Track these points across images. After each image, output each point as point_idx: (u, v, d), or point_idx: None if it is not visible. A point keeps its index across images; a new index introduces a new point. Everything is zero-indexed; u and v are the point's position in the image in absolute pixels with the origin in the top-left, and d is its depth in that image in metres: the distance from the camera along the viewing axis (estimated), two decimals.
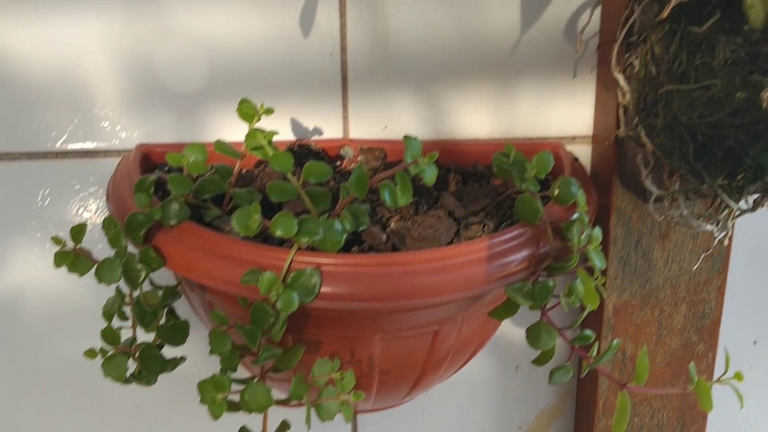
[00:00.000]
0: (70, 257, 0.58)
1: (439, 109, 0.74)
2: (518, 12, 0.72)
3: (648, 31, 0.61)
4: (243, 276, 0.52)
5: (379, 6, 0.71)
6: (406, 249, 0.58)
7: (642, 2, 0.62)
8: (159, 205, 0.57)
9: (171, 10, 0.69)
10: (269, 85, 0.72)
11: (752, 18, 0.56)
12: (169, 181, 0.58)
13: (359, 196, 0.54)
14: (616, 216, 0.72)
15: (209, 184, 0.59)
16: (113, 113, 0.72)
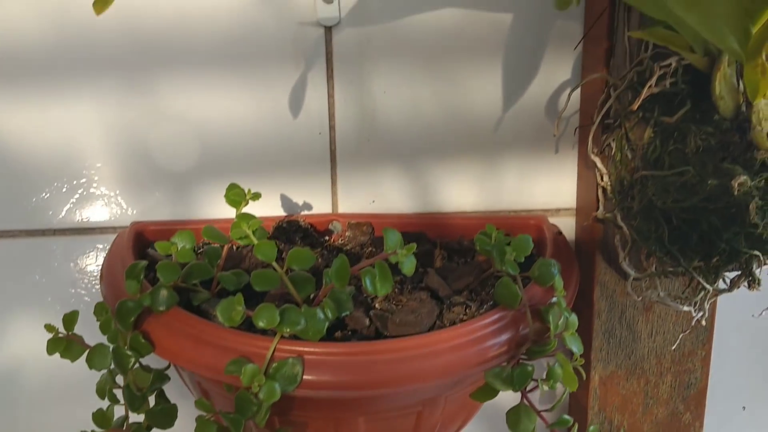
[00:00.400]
0: (63, 344, 0.60)
1: (426, 184, 0.76)
2: (500, 91, 0.74)
3: (622, 118, 0.63)
4: (227, 366, 0.54)
5: (366, 87, 0.73)
6: (388, 334, 0.59)
7: (617, 89, 0.64)
8: (148, 292, 0.59)
9: (164, 93, 0.72)
10: (260, 163, 0.74)
11: (722, 108, 0.58)
12: (158, 269, 0.59)
13: (340, 287, 0.55)
14: (600, 289, 0.73)
15: (197, 270, 0.61)
16: (109, 192, 0.74)
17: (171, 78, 0.72)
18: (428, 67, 0.73)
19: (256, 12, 0.70)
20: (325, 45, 0.72)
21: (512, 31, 0.72)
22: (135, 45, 0.70)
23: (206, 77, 0.72)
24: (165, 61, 0.71)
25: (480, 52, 0.73)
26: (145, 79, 0.71)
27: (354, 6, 0.71)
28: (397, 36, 0.72)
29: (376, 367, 0.54)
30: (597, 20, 0.67)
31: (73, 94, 0.71)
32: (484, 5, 0.72)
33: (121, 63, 0.71)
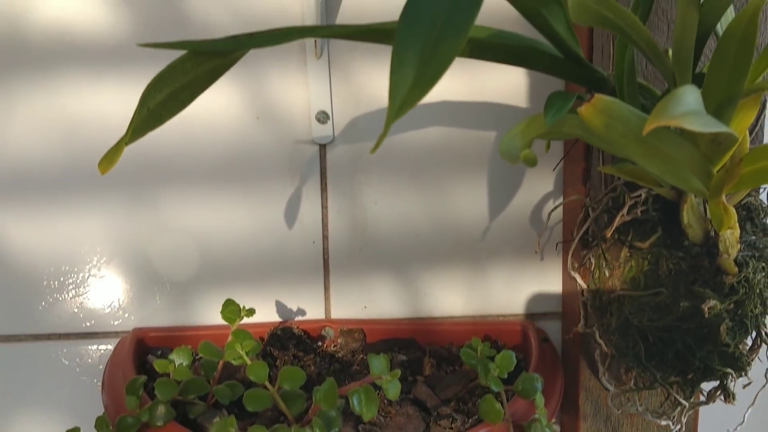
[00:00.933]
0: None
1: (416, 289, 0.79)
2: (486, 202, 0.78)
3: (599, 239, 0.66)
4: None
5: (358, 199, 0.77)
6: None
7: (594, 210, 0.67)
8: (147, 407, 0.62)
9: (167, 206, 0.76)
10: (256, 271, 0.78)
11: (691, 235, 0.61)
12: (156, 387, 0.62)
13: (327, 409, 0.58)
14: (585, 394, 0.75)
15: (193, 386, 0.64)
16: (112, 298, 0.78)
17: (173, 192, 0.76)
18: (417, 179, 0.77)
19: (255, 132, 0.75)
20: (320, 161, 0.76)
21: (496, 146, 0.76)
22: (141, 162, 0.75)
23: (207, 191, 0.76)
24: (168, 176, 0.75)
25: (466, 165, 0.77)
26: (149, 193, 0.75)
27: (347, 125, 0.75)
28: (387, 151, 0.76)
29: None
30: (574, 143, 0.71)
31: (80, 208, 0.75)
32: (469, 124, 0.76)
33: (127, 179, 0.75)
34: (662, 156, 0.52)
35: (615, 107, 0.48)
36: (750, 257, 0.61)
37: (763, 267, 0.62)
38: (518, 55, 0.55)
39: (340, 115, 0.75)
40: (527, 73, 0.75)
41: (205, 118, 0.74)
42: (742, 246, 0.62)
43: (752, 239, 0.64)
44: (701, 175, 0.55)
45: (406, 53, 0.36)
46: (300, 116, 0.75)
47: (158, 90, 0.49)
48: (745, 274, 0.61)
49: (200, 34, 0.72)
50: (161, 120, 0.51)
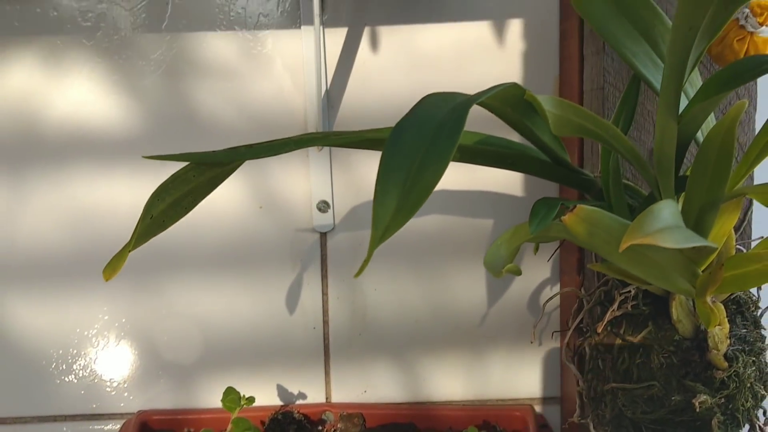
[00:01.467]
0: None
1: (415, 375, 0.80)
2: (485, 289, 0.79)
3: (592, 331, 0.67)
4: None
5: (358, 286, 0.79)
6: None
7: (587, 302, 0.68)
8: None
9: (171, 292, 0.78)
10: (258, 356, 0.79)
11: (681, 330, 0.62)
12: None
13: None
14: None
15: None
16: (118, 381, 0.79)
17: (177, 278, 0.78)
18: (416, 266, 0.79)
19: (258, 220, 0.77)
20: (320, 248, 0.78)
21: (494, 234, 0.78)
22: (146, 249, 0.77)
23: (210, 278, 0.78)
24: (172, 263, 0.77)
25: (464, 253, 0.78)
26: (154, 280, 0.78)
27: (347, 214, 0.78)
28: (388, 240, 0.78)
29: None
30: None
31: (88, 294, 0.78)
32: (466, 212, 0.78)
33: (133, 265, 0.77)
34: (647, 260, 0.53)
35: (597, 216, 0.50)
36: (740, 351, 0.62)
37: (754, 361, 0.63)
38: (507, 161, 0.58)
39: (341, 204, 0.77)
40: None
41: (208, 208, 0.76)
42: (732, 340, 0.63)
43: (743, 333, 0.65)
44: (687, 276, 0.56)
45: (389, 184, 0.39)
46: (301, 205, 0.77)
47: (161, 199, 0.52)
48: (735, 369, 0.61)
49: (207, 129, 0.75)
50: (164, 226, 0.54)
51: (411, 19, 0.75)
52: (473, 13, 0.75)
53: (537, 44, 0.76)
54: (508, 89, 0.47)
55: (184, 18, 0.74)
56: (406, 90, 0.76)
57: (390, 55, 0.75)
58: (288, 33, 0.74)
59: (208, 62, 0.75)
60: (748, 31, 0.59)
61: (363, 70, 0.75)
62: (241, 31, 0.74)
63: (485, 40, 0.76)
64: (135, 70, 0.75)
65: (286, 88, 0.75)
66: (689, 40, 0.47)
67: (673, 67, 0.49)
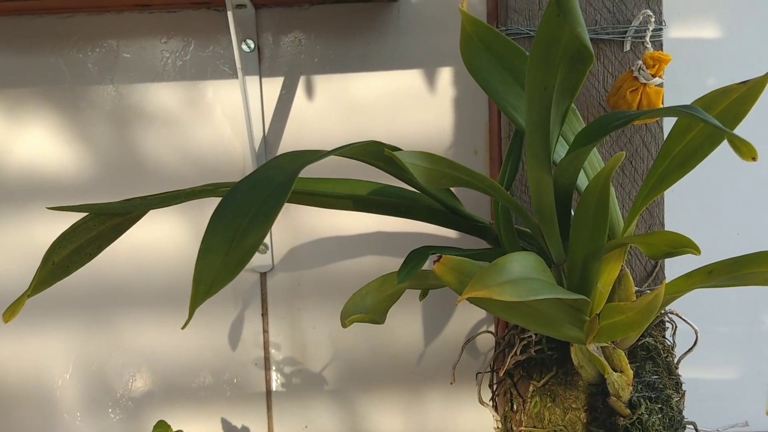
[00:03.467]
0: None
1: (355, 411, 0.82)
2: (421, 328, 0.81)
3: (505, 375, 0.68)
4: None
5: (297, 324, 0.81)
6: None
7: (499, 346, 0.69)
8: None
9: (122, 327, 0.82)
10: (202, 390, 0.82)
11: (584, 376, 0.63)
12: None
13: None
14: None
15: None
16: (73, 410, 0.83)
17: (128, 313, 0.82)
18: None
19: None
20: (261, 288, 0.81)
21: None
22: (98, 287, 0.81)
23: (158, 313, 0.81)
24: (123, 300, 0.81)
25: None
26: (106, 315, 0.82)
27: (285, 255, 0.80)
28: (324, 278, 0.81)
29: None
30: None
31: (47, 329, 0.82)
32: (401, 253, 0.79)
33: (87, 302, 0.82)
34: (530, 310, 0.54)
35: (465, 266, 0.52)
36: (645, 398, 0.62)
37: (661, 408, 0.63)
38: (401, 209, 0.60)
39: (279, 245, 0.80)
40: None
41: (154, 248, 0.81)
42: (639, 386, 0.63)
43: (653, 379, 0.65)
44: (576, 323, 0.57)
45: (214, 243, 0.41)
46: None
47: (63, 246, 0.56)
48: (638, 416, 0.62)
49: (153, 173, 0.79)
50: (68, 271, 0.58)
51: (344, 68, 0.78)
52: (404, 61, 0.78)
53: (467, 91, 0.78)
54: (368, 146, 0.49)
55: (131, 71, 0.79)
56: (341, 135, 0.79)
57: (325, 102, 0.78)
58: (227, 83, 0.78)
59: (153, 111, 0.79)
60: (641, 83, 0.60)
61: (300, 117, 0.79)
62: (182, 81, 0.78)
63: (417, 88, 0.78)
64: (86, 119, 0.79)
65: (226, 135, 0.79)
66: (546, 99, 0.49)
67: (534, 124, 0.50)
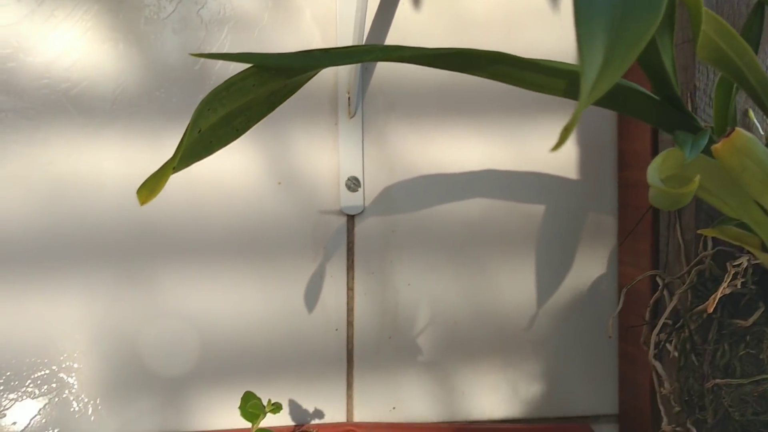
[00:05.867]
0: None
1: (452, 388, 0.68)
2: (533, 286, 0.69)
3: (686, 320, 0.57)
4: None
5: (389, 279, 0.67)
6: None
7: (673, 288, 0.59)
8: None
9: (163, 285, 0.64)
10: (267, 364, 0.65)
11: None
12: None
13: None
14: None
15: None
16: (86, 398, 0.64)
17: (173, 267, 0.64)
18: (455, 258, 0.68)
19: (275, 199, 0.65)
20: (347, 234, 0.66)
21: (544, 223, 0.68)
22: (136, 230, 0.63)
23: (213, 267, 0.64)
24: (168, 249, 0.64)
25: (510, 244, 0.68)
26: (143, 268, 0.64)
27: (379, 195, 0.66)
28: (423, 225, 0.67)
29: None
30: (643, 216, 0.64)
31: (58, 284, 0.63)
32: (515, 197, 0.68)
33: (118, 250, 0.63)
34: None
35: (753, 147, 0.41)
36: None
37: None
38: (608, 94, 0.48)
39: (373, 182, 0.66)
40: (577, 144, 0.69)
41: (217, 180, 0.64)
42: None
43: None
44: None
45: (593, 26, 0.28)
46: (327, 182, 0.65)
47: (212, 109, 0.40)
48: None
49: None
50: (211, 149, 0.42)
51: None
52: None
53: None
54: None
55: None
56: None
57: (434, 13, 0.66)
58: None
59: (224, 10, 0.63)
60: None
61: (403, 27, 0.66)
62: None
63: (538, 3, 0.68)
64: (138, 15, 0.63)
65: (315, 43, 0.64)
66: None
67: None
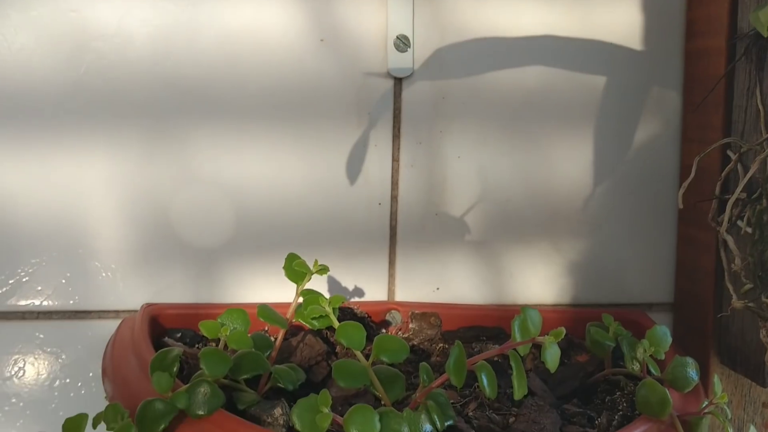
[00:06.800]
0: None
1: (500, 269, 0.64)
2: (591, 163, 0.64)
3: (765, 189, 0.53)
4: None
5: (437, 151, 0.62)
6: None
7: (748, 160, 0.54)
8: (183, 389, 0.44)
9: (197, 148, 0.59)
10: (305, 237, 0.61)
11: None
12: (202, 357, 0.45)
13: (457, 382, 0.42)
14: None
15: (250, 362, 0.46)
16: (114, 266, 0.60)
17: (207, 130, 0.59)
18: (510, 131, 0.63)
19: (317, 58, 0.60)
20: (394, 99, 0.61)
21: (604, 95, 0.63)
22: (168, 89, 0.58)
23: (250, 131, 0.60)
24: (203, 109, 0.59)
25: (569, 116, 0.63)
26: (175, 129, 0.59)
27: (430, 56, 0.61)
28: (477, 93, 0.62)
29: None
30: (716, 84, 0.59)
31: (83, 144, 0.58)
32: (575, 66, 0.63)
33: (148, 109, 0.58)
34: None
35: None
36: None
37: None
38: None
39: (424, 41, 0.61)
40: (643, 11, 0.63)
41: (255, 37, 0.59)
42: None
43: None
44: None
45: None
46: (374, 41, 0.60)
47: None
48: None
49: None
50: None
51: None
52: None
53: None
54: None
55: None
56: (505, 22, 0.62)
57: None
58: None
59: None
60: None
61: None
62: None
63: None
64: None
65: None
66: None
67: None
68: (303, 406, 0.40)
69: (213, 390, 0.44)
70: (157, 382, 0.44)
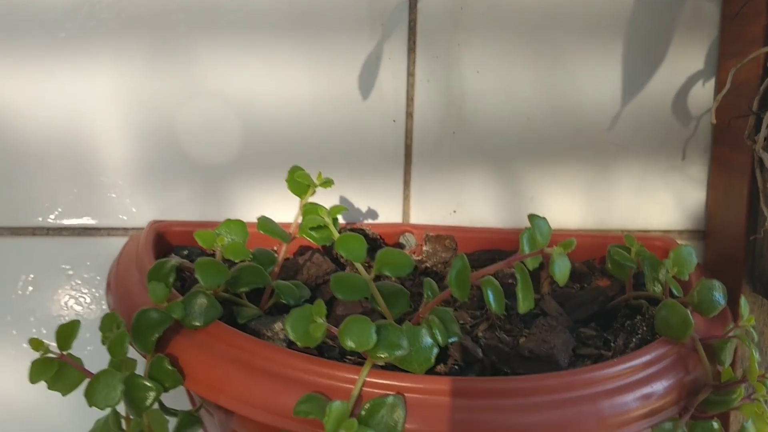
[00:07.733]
0: (53, 368, 0.42)
1: (520, 192, 0.61)
2: (619, 80, 0.60)
3: None
4: (298, 405, 0.37)
5: (455, 65, 0.59)
6: (510, 371, 0.43)
7: None
8: (179, 300, 0.43)
9: (202, 62, 0.57)
10: (316, 155, 0.59)
11: None
12: (197, 268, 0.43)
13: (461, 296, 0.39)
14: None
15: (249, 274, 0.45)
16: (122, 183, 0.58)
17: (213, 42, 0.57)
18: (532, 44, 0.59)
19: None
20: (409, 10, 0.58)
21: (635, 6, 0.59)
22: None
23: (258, 42, 0.57)
24: (209, 19, 0.56)
25: (596, 30, 0.59)
26: (181, 41, 0.57)
27: None
28: (497, 2, 0.58)
29: (508, 415, 0.38)
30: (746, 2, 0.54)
31: (87, 57, 0.56)
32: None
33: (153, 19, 0.56)
34: None
35: None
36: None
37: None
38: None
39: None
40: None
41: None
42: None
43: None
44: None
45: None
46: None
47: None
48: None
49: None
50: None
51: None
52: None
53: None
54: None
55: None
56: None
57: None
58: None
59: None
60: None
61: None
62: None
63: None
64: None
65: None
66: None
67: None
68: (296, 315, 0.38)
69: (210, 301, 0.43)
70: (152, 292, 0.43)
